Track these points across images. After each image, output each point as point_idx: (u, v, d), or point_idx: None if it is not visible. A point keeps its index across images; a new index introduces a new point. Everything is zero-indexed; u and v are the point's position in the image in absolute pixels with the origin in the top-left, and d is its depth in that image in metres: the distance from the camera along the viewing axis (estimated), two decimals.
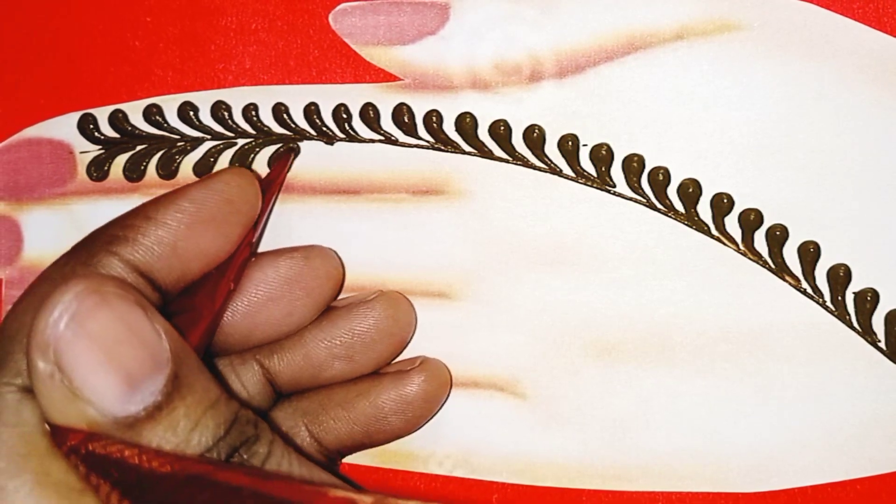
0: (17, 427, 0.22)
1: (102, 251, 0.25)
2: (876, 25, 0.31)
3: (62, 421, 0.22)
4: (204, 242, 0.27)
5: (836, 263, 0.31)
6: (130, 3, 0.34)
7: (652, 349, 0.32)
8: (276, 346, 0.31)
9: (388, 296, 0.31)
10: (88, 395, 0.22)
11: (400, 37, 0.33)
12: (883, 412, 0.31)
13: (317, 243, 0.33)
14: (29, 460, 0.22)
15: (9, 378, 0.23)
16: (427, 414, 0.31)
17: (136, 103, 0.34)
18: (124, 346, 0.22)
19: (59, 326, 0.22)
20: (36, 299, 0.24)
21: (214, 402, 0.23)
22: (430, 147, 0.33)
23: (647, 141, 0.32)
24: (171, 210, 0.27)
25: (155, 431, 0.22)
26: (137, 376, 0.22)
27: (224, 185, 0.28)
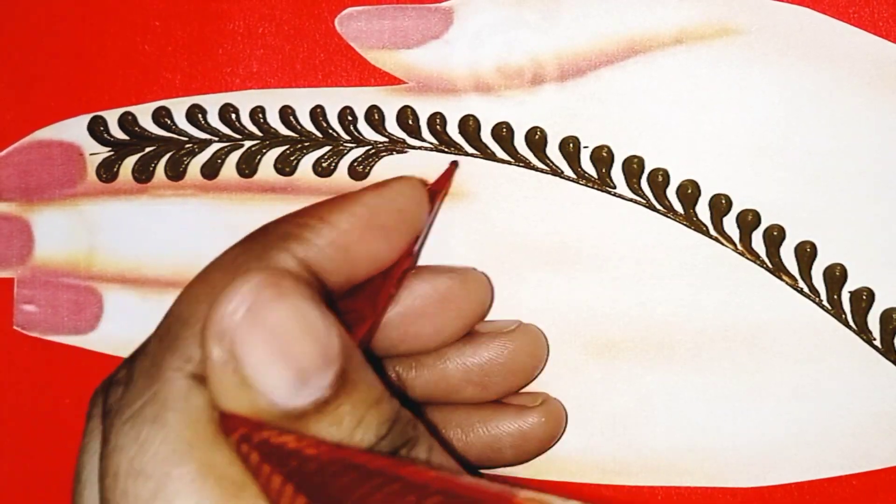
0: (186, 413, 0.22)
1: (276, 247, 0.25)
2: (872, 30, 0.32)
3: (232, 409, 0.22)
4: (373, 248, 0.27)
5: (832, 263, 0.32)
6: (139, 7, 0.34)
7: (651, 347, 0.32)
8: (416, 359, 0.31)
9: (528, 328, 0.32)
10: (260, 385, 0.22)
11: (404, 41, 0.33)
12: (878, 409, 0.31)
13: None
14: (195, 448, 0.22)
15: (179, 363, 0.23)
16: (539, 451, 0.31)
17: (145, 106, 0.34)
18: (298, 340, 0.22)
19: (237, 316, 0.22)
20: (208, 287, 0.24)
21: (378, 400, 0.23)
22: (433, 149, 0.33)
23: (647, 143, 0.32)
24: (345, 214, 0.27)
25: (320, 426, 0.22)
26: (308, 370, 0.22)
27: (397, 193, 0.28)
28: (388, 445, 0.23)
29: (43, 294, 0.35)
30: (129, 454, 0.22)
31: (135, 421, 0.22)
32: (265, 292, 0.22)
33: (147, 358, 0.24)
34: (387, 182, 0.28)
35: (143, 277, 0.34)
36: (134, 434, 0.22)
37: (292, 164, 0.34)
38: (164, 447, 0.22)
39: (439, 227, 0.33)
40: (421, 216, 0.29)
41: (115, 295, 0.35)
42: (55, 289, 0.35)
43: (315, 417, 0.22)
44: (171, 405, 0.22)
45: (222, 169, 0.34)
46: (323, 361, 0.22)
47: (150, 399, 0.23)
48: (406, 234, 0.28)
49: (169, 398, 0.22)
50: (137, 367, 0.23)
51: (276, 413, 0.22)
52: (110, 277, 0.35)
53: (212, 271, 0.25)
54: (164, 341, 0.24)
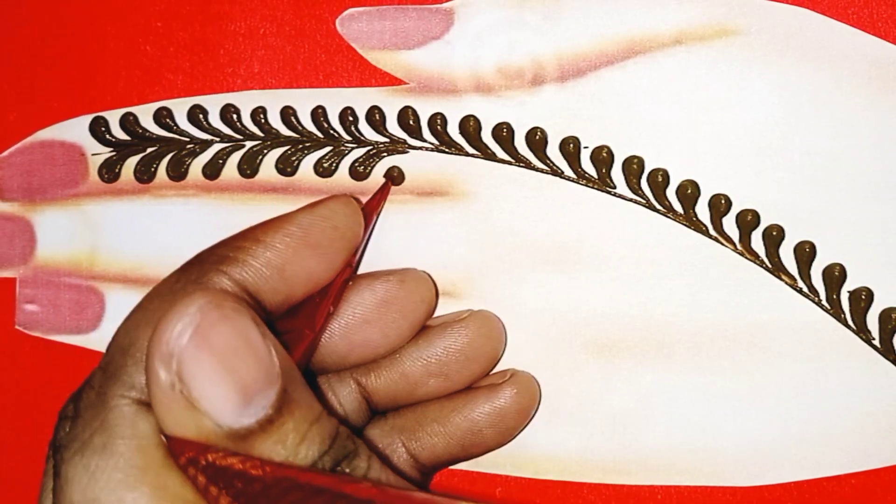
0: (134, 439, 0.22)
1: (213, 270, 0.25)
2: (871, 30, 0.32)
3: (178, 432, 0.22)
4: (309, 266, 0.27)
5: (831, 263, 0.32)
6: (141, 8, 0.35)
7: (651, 346, 0.32)
8: (372, 365, 0.31)
9: (481, 314, 0.32)
10: (206, 406, 0.22)
11: (405, 41, 0.33)
12: (877, 408, 0.31)
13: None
14: (146, 473, 0.22)
15: (123, 391, 0.23)
16: (520, 425, 0.32)
17: (146, 106, 0.34)
18: (241, 360, 0.22)
19: (183, 338, 0.22)
20: (147, 314, 0.24)
21: (318, 416, 0.24)
22: (434, 149, 0.33)
23: (647, 143, 0.32)
24: (279, 234, 0.27)
25: (265, 444, 0.22)
26: (252, 390, 0.22)
27: (330, 212, 0.28)
28: (331, 460, 0.23)
29: (45, 294, 0.35)
30: (81, 484, 0.22)
31: (84, 451, 0.23)
32: (210, 313, 0.22)
33: (92, 390, 0.24)
34: (320, 201, 0.29)
35: (144, 277, 0.34)
36: (84, 464, 0.22)
37: (293, 164, 0.34)
38: (115, 474, 0.22)
39: (440, 228, 0.33)
40: (356, 233, 0.29)
41: (117, 295, 0.35)
42: (57, 288, 0.35)
43: (260, 437, 0.23)
44: (119, 433, 0.23)
45: (224, 169, 0.34)
46: (265, 380, 0.23)
47: (97, 429, 0.23)
48: (341, 252, 0.28)
49: (116, 426, 0.23)
50: (83, 400, 0.24)
51: (223, 434, 0.22)
52: (112, 277, 0.35)
53: (150, 299, 0.25)
54: (107, 372, 0.24)
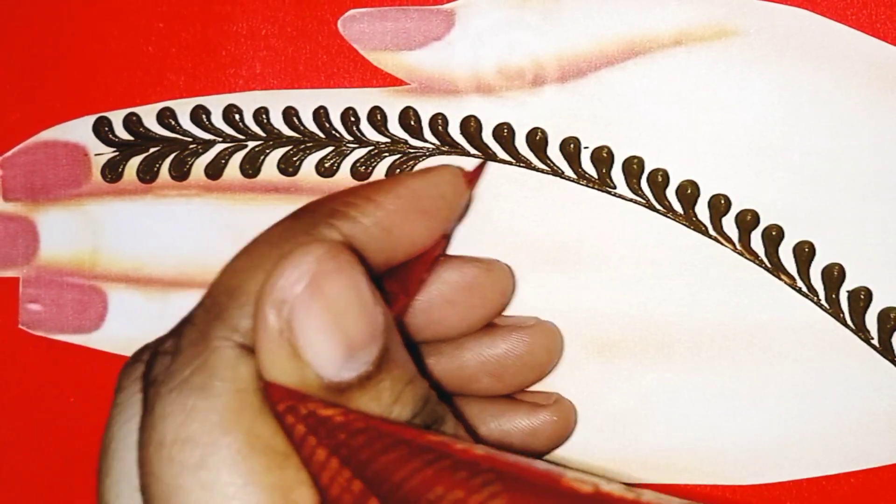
0: (233, 383, 0.22)
1: (323, 222, 0.25)
2: (870, 31, 0.32)
3: (279, 379, 0.22)
4: (414, 231, 0.27)
5: (830, 263, 0.32)
6: (144, 9, 0.35)
7: (651, 346, 0.32)
8: (436, 346, 0.31)
9: (545, 325, 0.32)
10: (311, 356, 0.22)
11: (407, 42, 0.33)
12: (876, 407, 0.32)
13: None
14: (241, 418, 0.22)
15: (227, 333, 0.23)
16: (548, 451, 0.32)
17: (149, 107, 0.34)
18: (350, 314, 0.22)
19: (299, 286, 0.22)
20: (256, 260, 0.24)
21: (412, 378, 0.23)
22: (435, 149, 0.33)
23: (647, 143, 0.32)
24: (391, 195, 0.27)
25: (361, 400, 0.22)
26: (357, 344, 0.22)
27: (440, 180, 0.28)
28: (421, 422, 0.23)
29: (48, 293, 0.35)
30: (176, 421, 0.22)
31: (182, 389, 0.22)
32: (326, 264, 0.22)
33: (194, 328, 0.23)
34: (431, 168, 0.29)
35: (147, 277, 0.35)
36: (181, 402, 0.22)
37: (295, 164, 0.34)
38: (211, 416, 0.22)
39: None
40: (460, 204, 0.29)
41: (120, 294, 0.35)
42: (60, 288, 0.35)
43: (357, 392, 0.22)
44: (219, 374, 0.22)
45: (226, 169, 0.34)
46: (370, 337, 0.22)
47: (197, 368, 0.22)
48: (444, 221, 0.28)
49: (217, 367, 0.22)
50: (185, 337, 0.23)
51: (321, 385, 0.22)
52: (115, 277, 0.35)
53: (259, 245, 0.25)
54: (211, 312, 0.23)
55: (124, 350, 0.35)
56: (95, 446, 0.35)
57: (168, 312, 0.34)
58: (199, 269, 0.34)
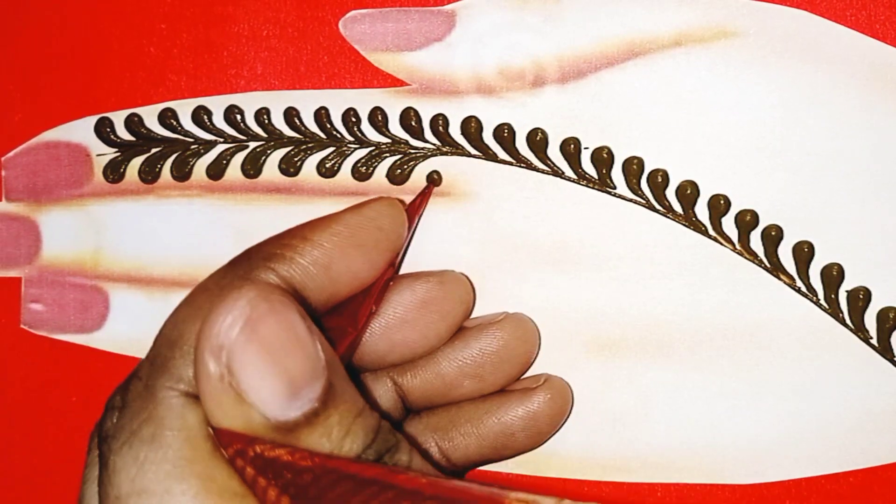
0: (182, 431, 0.23)
1: (260, 266, 0.25)
2: (868, 32, 0.32)
3: (226, 424, 0.22)
4: (354, 266, 0.27)
5: (829, 263, 0.32)
6: (145, 10, 0.35)
7: (651, 345, 0.32)
8: (409, 364, 0.31)
9: (515, 317, 0.32)
10: (254, 398, 0.22)
11: (407, 43, 0.33)
12: (875, 406, 0.32)
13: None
14: (194, 464, 0.22)
15: (171, 383, 0.23)
16: (552, 430, 0.32)
17: (151, 107, 0.34)
18: (289, 354, 0.22)
19: (234, 331, 0.22)
20: (195, 309, 0.24)
21: (362, 410, 0.24)
22: (436, 150, 0.33)
23: (647, 144, 0.32)
24: (327, 233, 0.27)
25: (311, 437, 0.23)
26: (299, 382, 0.22)
27: (376, 213, 0.29)
28: (374, 453, 0.24)
29: (50, 293, 0.35)
30: (130, 474, 0.22)
31: (132, 442, 0.23)
32: (259, 307, 0.22)
33: (140, 382, 0.24)
34: (366, 202, 0.29)
35: (148, 277, 0.35)
36: (133, 455, 0.23)
37: (296, 164, 0.34)
38: (164, 465, 0.22)
39: (442, 228, 0.33)
40: (400, 234, 0.29)
41: (122, 294, 0.35)
42: (62, 288, 0.35)
43: (306, 430, 0.23)
44: (168, 424, 0.23)
45: (227, 169, 0.34)
46: (311, 374, 0.23)
47: (146, 420, 0.23)
48: (385, 252, 0.29)
49: (165, 417, 0.23)
50: (131, 391, 0.24)
51: (269, 426, 0.22)
52: (116, 277, 0.35)
53: (197, 294, 0.25)
54: (154, 364, 0.24)
55: (126, 350, 0.35)
56: None
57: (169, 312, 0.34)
58: (200, 269, 0.34)
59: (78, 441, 0.35)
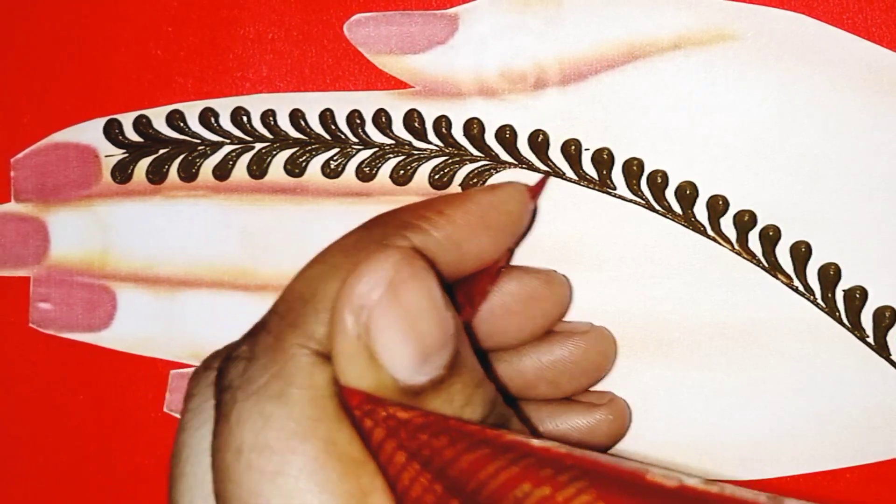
0: (310, 390, 0.22)
1: (396, 234, 0.25)
2: (865, 35, 0.32)
3: (355, 384, 0.22)
4: (482, 245, 0.27)
5: (826, 262, 0.32)
6: (153, 13, 0.35)
7: (651, 344, 0.32)
8: (496, 354, 0.31)
9: (600, 331, 0.32)
10: (387, 360, 0.22)
11: (411, 46, 0.33)
12: (871, 404, 0.32)
13: (327, 242, 0.33)
14: (319, 425, 0.22)
15: (302, 340, 0.23)
16: (605, 449, 0.32)
17: (159, 109, 0.34)
18: (425, 319, 0.22)
19: (376, 292, 0.22)
20: (330, 267, 0.24)
21: (481, 381, 0.24)
22: (439, 151, 0.33)
23: (647, 145, 0.32)
24: (461, 210, 0.27)
25: (434, 403, 0.23)
26: (431, 348, 0.22)
27: (507, 196, 0.28)
28: (490, 424, 0.23)
29: (58, 292, 0.35)
30: (254, 428, 0.22)
31: (259, 396, 0.22)
32: (403, 271, 0.22)
33: (269, 335, 0.23)
34: (498, 185, 0.29)
35: (155, 276, 0.35)
36: (258, 409, 0.22)
37: (301, 165, 0.34)
38: (289, 423, 0.22)
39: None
40: (525, 220, 0.29)
41: (129, 293, 0.35)
42: (70, 287, 0.35)
43: (431, 395, 0.23)
44: (296, 382, 0.22)
45: (233, 170, 0.34)
46: (443, 341, 0.23)
47: (274, 375, 0.23)
48: (510, 235, 0.29)
49: (293, 374, 0.22)
50: (259, 343, 0.23)
51: (396, 389, 0.22)
52: (124, 276, 0.35)
53: (332, 253, 0.25)
54: (286, 318, 0.24)
55: (133, 348, 0.35)
56: (104, 443, 0.35)
57: (176, 311, 0.35)
58: (207, 268, 0.34)
59: (86, 438, 0.35)
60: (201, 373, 0.25)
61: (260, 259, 0.34)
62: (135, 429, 0.35)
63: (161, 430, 0.35)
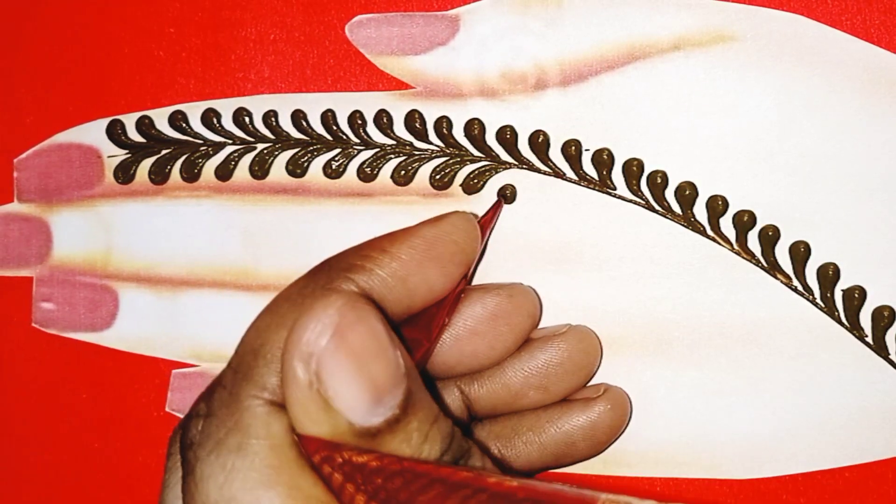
0: (268, 439, 0.23)
1: (341, 277, 0.26)
2: (863, 36, 0.32)
3: (312, 431, 0.22)
4: (430, 279, 0.27)
5: (825, 262, 0.32)
6: (155, 15, 0.35)
7: (650, 343, 0.32)
8: (476, 374, 0.31)
9: (579, 329, 0.32)
10: (341, 404, 0.22)
11: (412, 47, 0.33)
12: (869, 403, 0.32)
13: (330, 244, 0.33)
14: (281, 472, 0.22)
15: (255, 391, 0.23)
16: (611, 439, 0.32)
17: (161, 110, 0.35)
18: (374, 361, 0.22)
19: (323, 339, 0.22)
20: (278, 317, 0.25)
21: (437, 417, 0.24)
22: (440, 152, 0.33)
23: (646, 146, 0.32)
24: (405, 246, 0.27)
25: (392, 443, 0.23)
26: (383, 389, 0.23)
27: (452, 227, 0.28)
28: (450, 458, 0.24)
29: (61, 292, 0.35)
30: (217, 482, 0.22)
31: (220, 451, 0.23)
32: (348, 315, 0.23)
33: (224, 390, 0.24)
34: (442, 216, 0.29)
35: (157, 276, 0.35)
36: (220, 463, 0.23)
37: (303, 166, 0.34)
38: (251, 474, 0.22)
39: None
40: (474, 249, 0.29)
41: (131, 293, 0.35)
42: (72, 287, 0.35)
43: (388, 436, 0.23)
44: (253, 433, 0.23)
45: (235, 171, 0.34)
46: (394, 381, 0.23)
47: (231, 428, 0.23)
48: (460, 266, 0.28)
49: (251, 426, 0.23)
50: (215, 399, 0.24)
51: (353, 433, 0.22)
52: (126, 276, 0.35)
53: (279, 303, 0.25)
54: (238, 373, 0.24)
55: (134, 348, 0.35)
56: (106, 441, 0.36)
57: (178, 311, 0.35)
58: (208, 268, 0.35)
59: (88, 436, 0.35)
60: (175, 433, 0.26)
61: (261, 259, 0.34)
62: (136, 428, 0.35)
63: (162, 429, 0.35)
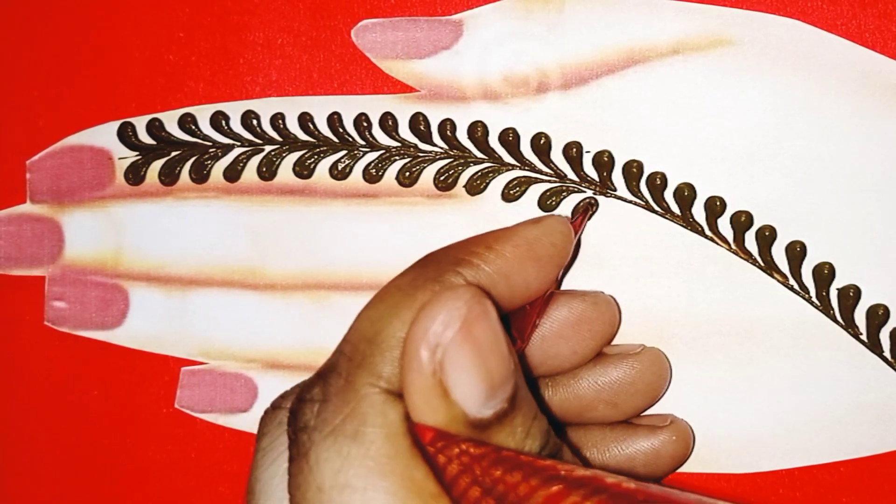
0: (384, 428, 0.23)
1: (450, 270, 0.26)
2: (859, 41, 0.32)
3: (427, 420, 0.23)
4: (529, 278, 0.27)
5: (821, 262, 0.32)
6: (165, 19, 0.35)
7: (650, 341, 0.32)
8: (552, 379, 0.31)
9: (653, 352, 0.32)
10: (459, 395, 0.22)
11: (417, 51, 0.34)
12: (864, 399, 0.32)
13: (336, 244, 0.33)
14: (395, 462, 0.22)
15: (371, 380, 0.23)
16: (671, 469, 0.32)
17: (171, 112, 0.35)
18: (492, 354, 0.23)
19: (451, 329, 0.22)
20: (391, 307, 0.25)
21: (537, 413, 0.24)
22: (444, 153, 0.34)
23: (646, 148, 0.33)
24: (508, 244, 0.27)
25: (499, 436, 0.23)
26: (497, 382, 0.23)
27: (551, 229, 0.28)
28: (547, 454, 0.24)
29: (72, 291, 0.35)
30: (334, 468, 0.22)
31: (336, 437, 0.23)
32: (475, 309, 0.23)
33: (340, 377, 0.24)
34: (541, 218, 0.29)
35: (167, 276, 0.35)
36: (336, 448, 0.23)
37: (310, 167, 0.34)
38: (367, 462, 0.22)
39: (449, 229, 0.33)
40: (568, 251, 0.29)
41: (141, 292, 0.35)
42: (84, 286, 0.35)
43: (495, 429, 0.23)
44: (370, 420, 0.23)
45: (244, 172, 0.34)
46: (507, 375, 0.23)
47: (348, 415, 0.23)
48: (556, 268, 0.29)
49: (367, 414, 0.23)
50: (331, 385, 0.24)
51: (466, 423, 0.23)
52: (136, 276, 0.35)
53: (391, 293, 0.25)
54: (353, 360, 0.24)
55: (145, 346, 0.35)
56: (116, 438, 0.36)
57: (187, 310, 0.35)
58: (217, 267, 0.35)
59: (99, 433, 0.36)
60: (270, 413, 0.26)
61: (269, 259, 0.34)
62: (146, 425, 0.36)
63: (172, 426, 0.35)
